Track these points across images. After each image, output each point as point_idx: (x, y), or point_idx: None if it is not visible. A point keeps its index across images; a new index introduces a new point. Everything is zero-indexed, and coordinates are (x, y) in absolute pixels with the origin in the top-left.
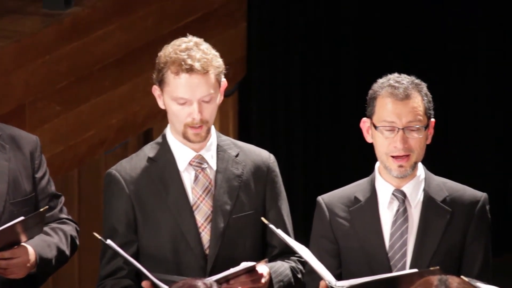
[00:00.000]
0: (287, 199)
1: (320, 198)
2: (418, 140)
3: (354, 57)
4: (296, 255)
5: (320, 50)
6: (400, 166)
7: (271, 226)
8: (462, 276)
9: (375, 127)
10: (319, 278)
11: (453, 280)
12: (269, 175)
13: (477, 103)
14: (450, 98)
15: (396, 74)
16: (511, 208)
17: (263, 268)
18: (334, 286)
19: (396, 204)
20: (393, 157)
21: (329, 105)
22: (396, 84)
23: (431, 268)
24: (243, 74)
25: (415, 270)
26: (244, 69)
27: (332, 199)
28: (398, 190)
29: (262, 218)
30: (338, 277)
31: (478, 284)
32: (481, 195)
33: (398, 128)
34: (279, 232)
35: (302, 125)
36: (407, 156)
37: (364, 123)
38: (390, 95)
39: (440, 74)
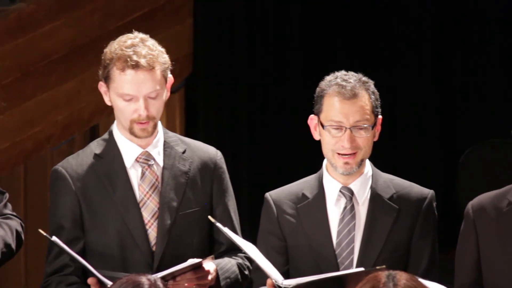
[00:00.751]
0: (234, 195)
1: (268, 195)
2: (365, 139)
3: (301, 52)
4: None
5: (266, 45)
6: (346, 163)
7: (218, 224)
8: None
9: (323, 126)
10: (266, 275)
11: (401, 276)
12: (216, 172)
13: (423, 100)
14: (397, 95)
15: (343, 72)
16: (459, 205)
17: (209, 264)
18: (280, 285)
19: (343, 201)
20: (339, 154)
21: (276, 101)
22: (343, 83)
23: (378, 267)
24: (190, 70)
25: (362, 269)
26: (191, 65)
27: (279, 195)
28: (346, 187)
29: (209, 217)
30: (286, 274)
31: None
32: (428, 192)
33: (346, 128)
34: (226, 230)
35: (248, 121)
36: (354, 153)
37: (312, 120)
38: (337, 94)
39: (387, 71)
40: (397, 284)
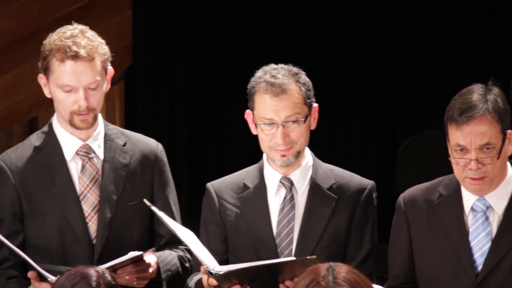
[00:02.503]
0: (175, 188)
1: (209, 185)
2: (299, 132)
3: (238, 44)
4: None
5: (204, 37)
6: (283, 156)
7: (154, 208)
8: None
9: (256, 123)
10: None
11: (340, 269)
12: (157, 164)
13: (362, 91)
14: (336, 85)
15: (273, 66)
16: (397, 195)
17: (150, 257)
18: (211, 271)
19: (283, 191)
20: (275, 149)
21: (215, 93)
22: (272, 80)
23: (308, 257)
24: (129, 62)
25: (293, 258)
26: (130, 57)
27: (221, 185)
28: (285, 178)
29: (145, 200)
30: (225, 262)
31: None
32: (368, 182)
33: (278, 124)
34: (161, 215)
35: (187, 113)
36: (289, 147)
37: (248, 115)
38: (266, 92)
39: (327, 61)
40: (336, 277)
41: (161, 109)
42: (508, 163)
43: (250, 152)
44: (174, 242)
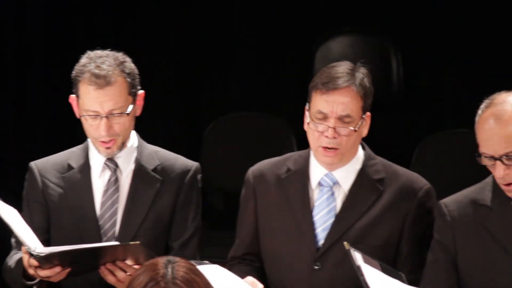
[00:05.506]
0: None
1: (32, 164)
2: (122, 124)
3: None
4: None
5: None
6: (108, 148)
7: None
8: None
9: (79, 114)
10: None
11: (180, 267)
12: None
13: (166, 75)
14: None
15: (98, 53)
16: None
17: None
18: (33, 252)
19: (108, 173)
20: (100, 141)
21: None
22: (97, 71)
23: (131, 243)
24: None
25: (117, 243)
26: None
27: (44, 165)
28: (110, 160)
29: None
30: (47, 242)
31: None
32: (193, 164)
33: (102, 116)
34: None
35: (13, 96)
36: (113, 139)
37: (73, 101)
38: (91, 83)
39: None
40: (175, 277)
41: None
42: (360, 146)
43: (76, 134)
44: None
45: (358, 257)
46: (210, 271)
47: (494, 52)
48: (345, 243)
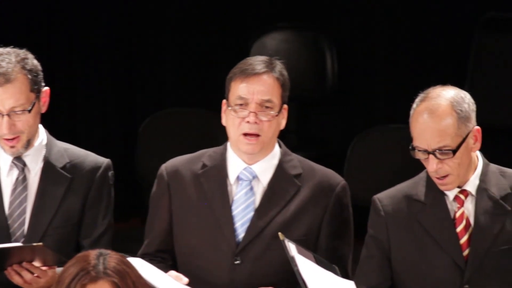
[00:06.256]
0: None
1: None
2: (25, 121)
3: None
4: None
5: None
6: (12, 147)
7: None
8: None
9: None
10: None
11: (111, 258)
12: None
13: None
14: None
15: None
16: (136, 174)
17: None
18: None
19: (15, 172)
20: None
21: None
22: None
23: (35, 244)
24: None
25: (20, 244)
26: None
27: None
28: (18, 158)
29: None
30: None
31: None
32: (103, 161)
33: (3, 114)
34: None
35: None
36: (17, 137)
37: None
38: None
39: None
40: (107, 267)
41: None
42: (276, 143)
43: None
44: None
45: (292, 248)
46: (136, 264)
47: (428, 48)
48: (279, 233)
